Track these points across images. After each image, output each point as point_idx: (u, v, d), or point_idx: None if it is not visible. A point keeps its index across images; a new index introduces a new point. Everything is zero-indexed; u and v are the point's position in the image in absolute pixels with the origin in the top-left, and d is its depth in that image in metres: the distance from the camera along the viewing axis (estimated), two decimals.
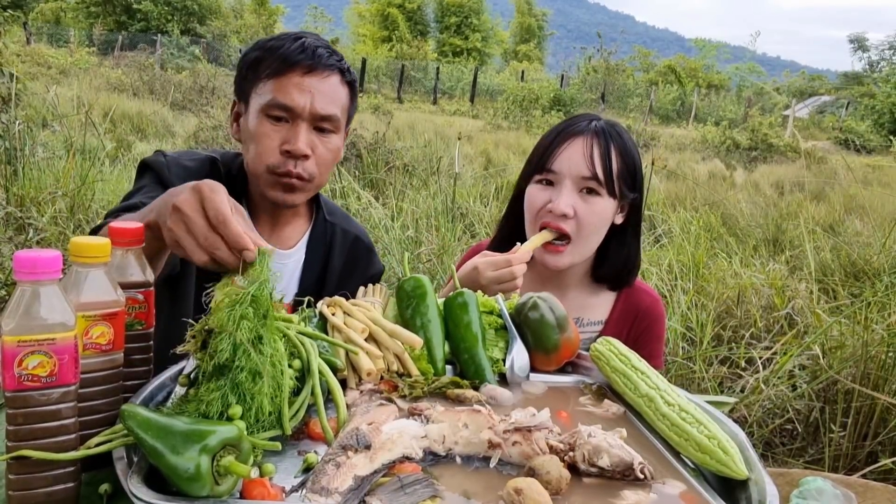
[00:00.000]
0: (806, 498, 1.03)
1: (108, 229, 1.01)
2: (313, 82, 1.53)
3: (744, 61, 60.87)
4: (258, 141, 1.54)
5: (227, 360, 0.92)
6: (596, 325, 1.74)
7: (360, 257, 1.84)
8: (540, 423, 0.96)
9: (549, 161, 1.62)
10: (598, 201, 1.60)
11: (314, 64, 1.54)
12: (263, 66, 1.55)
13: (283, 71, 1.53)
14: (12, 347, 0.81)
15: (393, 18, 48.34)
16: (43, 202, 4.69)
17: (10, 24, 5.73)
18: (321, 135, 1.57)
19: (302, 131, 1.53)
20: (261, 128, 1.54)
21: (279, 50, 1.54)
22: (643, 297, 1.76)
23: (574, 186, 1.60)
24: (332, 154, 1.60)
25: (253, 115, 1.56)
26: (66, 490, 0.86)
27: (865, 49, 46.09)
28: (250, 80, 1.58)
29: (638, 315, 1.74)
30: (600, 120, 1.67)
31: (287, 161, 1.54)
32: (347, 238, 1.81)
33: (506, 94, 24.71)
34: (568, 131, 1.63)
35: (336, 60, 1.58)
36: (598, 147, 1.60)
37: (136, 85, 14.58)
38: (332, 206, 1.85)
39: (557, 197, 1.59)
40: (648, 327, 1.75)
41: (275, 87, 1.53)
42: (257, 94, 1.56)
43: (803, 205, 7.73)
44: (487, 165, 9.53)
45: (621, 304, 1.75)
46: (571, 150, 1.60)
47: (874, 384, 2.80)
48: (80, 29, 33.18)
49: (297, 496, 0.84)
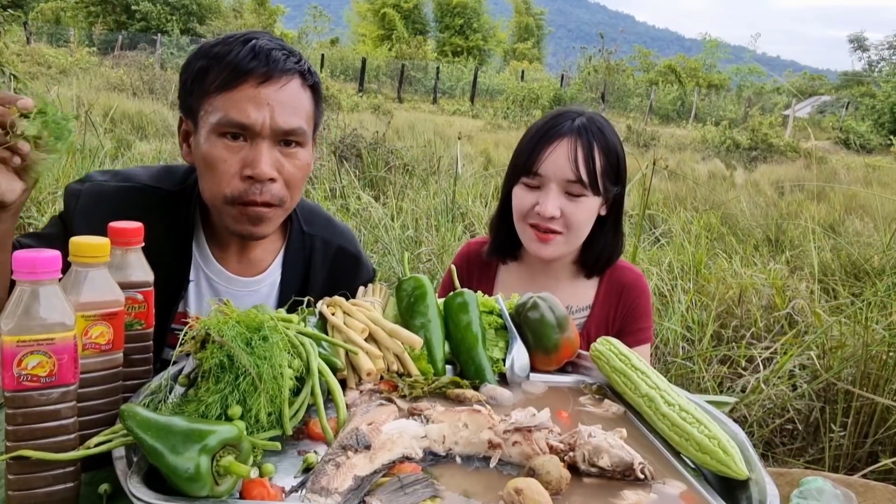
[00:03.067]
0: (806, 498, 1.02)
1: (109, 229, 1.01)
2: (270, 93, 1.32)
3: (744, 61, 60.87)
4: (213, 167, 1.34)
5: (226, 363, 0.92)
6: (584, 310, 1.78)
7: (346, 268, 1.67)
8: (540, 423, 0.96)
9: (535, 164, 1.64)
10: (583, 201, 1.64)
11: (270, 71, 1.33)
12: (211, 77, 1.33)
13: (234, 83, 1.31)
14: (11, 347, 0.81)
15: (390, 18, 48.33)
16: (43, 202, 4.69)
17: (11, 24, 5.71)
18: (286, 149, 1.37)
19: (264, 151, 1.32)
20: (214, 151, 1.33)
21: (227, 57, 1.33)
22: (626, 273, 1.80)
23: (560, 189, 1.62)
24: (301, 172, 1.40)
25: (204, 137, 1.35)
26: (65, 490, 0.86)
27: (865, 49, 46.09)
28: (197, 95, 1.36)
29: (623, 292, 1.77)
30: (582, 115, 1.68)
31: (250, 189, 1.33)
32: (329, 249, 1.63)
33: (506, 93, 24.75)
34: (551, 133, 1.65)
35: (294, 62, 1.38)
36: (582, 149, 1.62)
37: (136, 85, 14.57)
38: (310, 214, 1.66)
39: (544, 200, 1.62)
40: (634, 302, 1.78)
41: (226, 102, 1.32)
42: (206, 112, 1.34)
43: (804, 204, 7.74)
44: (487, 165, 9.52)
45: (604, 284, 1.79)
46: (556, 154, 1.62)
47: (874, 384, 2.80)
48: (80, 29, 33.20)
49: (297, 496, 0.84)
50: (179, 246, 1.47)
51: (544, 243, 1.65)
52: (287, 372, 0.97)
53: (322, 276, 1.63)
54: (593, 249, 1.74)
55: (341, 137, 7.76)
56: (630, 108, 29.92)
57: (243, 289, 1.55)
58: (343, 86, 25.17)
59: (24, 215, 4.51)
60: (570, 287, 1.79)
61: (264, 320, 1.00)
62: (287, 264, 1.58)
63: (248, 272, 1.56)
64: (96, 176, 1.48)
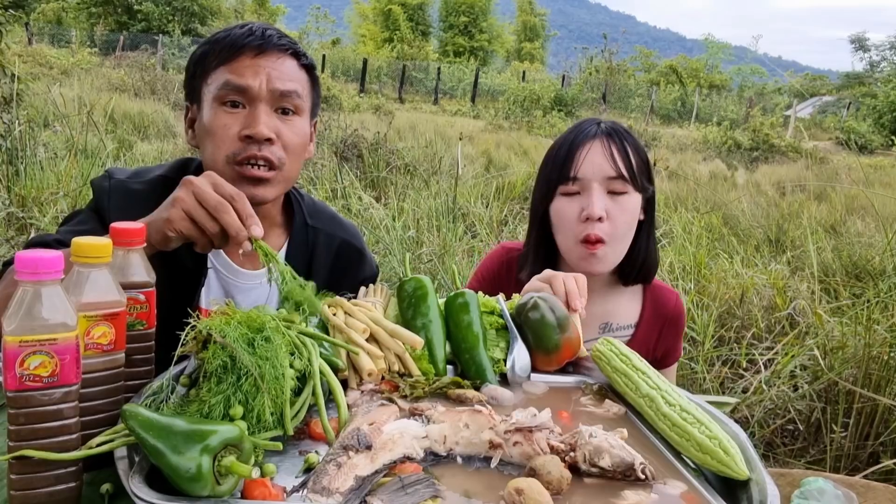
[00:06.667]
0: (807, 498, 1.03)
1: (110, 229, 1.01)
2: (267, 62, 1.41)
3: (745, 62, 60.82)
4: (214, 132, 1.40)
5: (227, 363, 0.93)
6: (626, 329, 1.73)
7: (350, 262, 1.69)
8: (541, 424, 0.96)
9: (571, 169, 1.59)
10: (626, 200, 1.60)
11: (264, 44, 1.42)
12: (211, 57, 1.44)
13: (233, 56, 1.41)
14: (14, 348, 0.81)
15: (394, 17, 48.34)
16: (45, 202, 4.70)
17: (12, 25, 5.71)
18: (284, 117, 1.44)
19: (262, 113, 1.39)
20: (216, 119, 1.40)
21: (226, 39, 1.43)
22: (667, 296, 1.77)
23: (602, 188, 1.58)
24: (299, 138, 1.46)
25: (207, 110, 1.43)
26: (67, 490, 0.86)
27: (866, 49, 46.05)
28: (199, 75, 1.46)
29: (667, 318, 1.76)
30: (604, 122, 1.67)
31: (249, 146, 1.39)
32: (332, 243, 1.66)
33: (507, 94, 24.72)
34: (581, 138, 1.62)
35: (289, 42, 1.46)
36: (615, 145, 1.59)
37: (138, 85, 14.59)
38: (315, 209, 1.69)
39: (589, 202, 1.57)
40: (675, 326, 1.77)
41: (226, 71, 1.40)
42: (208, 86, 1.43)
43: (805, 205, 7.73)
44: (489, 166, 9.52)
45: (649, 308, 1.75)
46: (592, 154, 1.59)
47: (876, 385, 2.80)
48: (82, 29, 33.22)
49: (298, 496, 0.84)
50: None
51: (594, 257, 1.58)
52: (289, 372, 0.98)
53: (325, 269, 1.64)
54: (633, 256, 1.67)
55: (342, 138, 7.77)
56: (631, 108, 29.92)
57: (249, 281, 1.57)
58: (344, 86, 25.20)
59: (25, 215, 4.52)
60: (607, 304, 1.72)
61: (266, 321, 1.00)
62: (291, 257, 1.60)
63: (253, 265, 1.58)
64: (117, 172, 1.53)
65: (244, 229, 1.11)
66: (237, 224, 1.10)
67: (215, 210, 1.10)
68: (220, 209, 1.10)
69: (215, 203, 1.10)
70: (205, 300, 1.54)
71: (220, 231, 1.11)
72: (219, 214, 1.10)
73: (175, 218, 1.11)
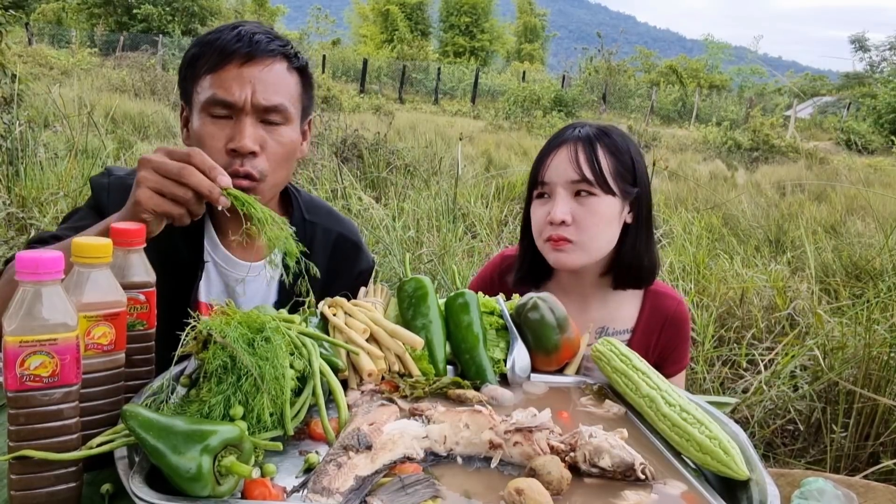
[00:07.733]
0: (807, 498, 1.03)
1: (111, 230, 1.01)
2: (254, 72, 1.41)
3: (746, 62, 60.82)
4: (202, 143, 1.43)
5: (227, 363, 0.93)
6: (623, 333, 1.73)
7: (346, 256, 1.73)
8: (541, 424, 0.96)
9: (541, 174, 1.64)
10: (594, 201, 1.60)
11: (252, 52, 1.42)
12: (201, 62, 1.44)
13: (220, 64, 1.41)
14: (14, 348, 0.81)
15: (393, 17, 48.34)
16: (45, 202, 4.70)
17: (12, 25, 5.71)
18: (270, 127, 1.45)
19: (246, 126, 1.41)
20: (203, 129, 1.43)
21: (216, 43, 1.43)
22: (668, 301, 1.76)
23: (567, 192, 1.61)
24: (284, 148, 1.47)
25: (196, 117, 1.45)
26: (67, 490, 0.86)
27: (866, 49, 46.06)
28: (190, 79, 1.47)
29: (665, 322, 1.74)
30: (588, 125, 1.68)
31: (233, 160, 1.41)
32: (329, 237, 1.70)
33: (507, 94, 24.72)
34: (554, 143, 1.66)
35: (279, 45, 1.46)
36: (583, 150, 1.61)
37: (138, 85, 14.59)
38: (312, 204, 1.73)
39: (553, 206, 1.61)
40: (676, 332, 1.75)
41: (213, 82, 1.42)
42: (197, 94, 1.45)
43: (805, 205, 7.73)
44: (489, 166, 9.52)
45: (647, 311, 1.74)
46: (558, 160, 1.62)
47: (876, 385, 2.80)
48: (82, 30, 33.23)
49: (299, 496, 0.84)
50: (193, 229, 1.50)
51: (560, 251, 1.61)
52: (289, 373, 0.98)
53: (322, 262, 1.65)
54: (624, 261, 1.68)
55: (342, 138, 7.77)
56: (631, 108, 29.92)
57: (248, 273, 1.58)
58: (344, 87, 25.18)
59: (25, 215, 4.52)
60: (604, 308, 1.73)
61: (266, 321, 1.00)
62: None
63: (251, 257, 1.60)
64: (116, 170, 1.54)
65: (215, 186, 1.12)
66: (206, 182, 1.11)
67: (179, 176, 1.10)
68: (183, 173, 1.10)
69: (177, 169, 1.10)
70: (204, 294, 1.55)
71: (193, 195, 1.11)
72: (185, 178, 1.10)
73: (143, 198, 1.10)
